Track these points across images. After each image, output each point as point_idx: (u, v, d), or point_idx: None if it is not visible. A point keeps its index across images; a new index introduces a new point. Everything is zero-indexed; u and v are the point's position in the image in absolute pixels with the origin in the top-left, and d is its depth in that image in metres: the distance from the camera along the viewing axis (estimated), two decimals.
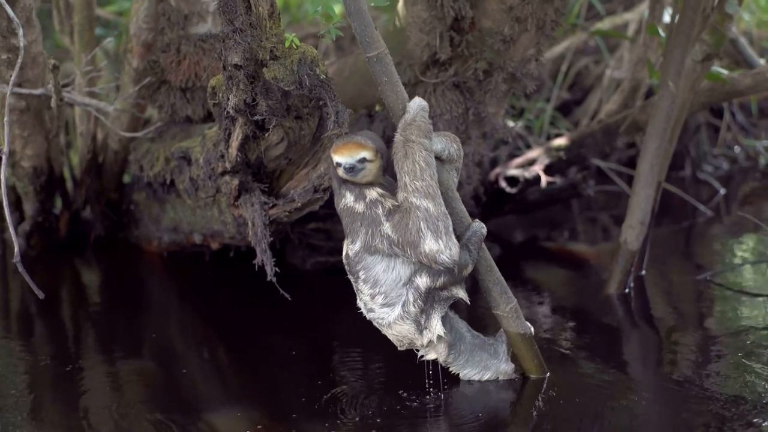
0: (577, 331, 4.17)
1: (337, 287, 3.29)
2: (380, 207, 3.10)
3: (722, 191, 7.04)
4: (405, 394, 3.40)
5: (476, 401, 3.39)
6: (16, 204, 5.40)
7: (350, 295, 3.28)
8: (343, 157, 3.07)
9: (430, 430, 3.20)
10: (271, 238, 3.92)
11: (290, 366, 3.85)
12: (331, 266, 4.86)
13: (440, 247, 3.01)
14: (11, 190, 5.31)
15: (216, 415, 3.36)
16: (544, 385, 3.44)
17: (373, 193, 3.12)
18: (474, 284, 3.45)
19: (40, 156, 5.09)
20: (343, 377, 3.68)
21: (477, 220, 3.31)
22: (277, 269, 3.92)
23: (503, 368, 3.45)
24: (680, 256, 5.61)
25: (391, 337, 3.29)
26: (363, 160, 3.08)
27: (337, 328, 4.30)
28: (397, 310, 3.18)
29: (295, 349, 4.04)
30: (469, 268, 3.23)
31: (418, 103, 3.11)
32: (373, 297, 3.21)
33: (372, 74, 3.18)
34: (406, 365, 3.50)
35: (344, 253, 3.24)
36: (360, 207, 3.13)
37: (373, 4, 3.32)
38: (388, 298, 3.19)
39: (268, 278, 3.91)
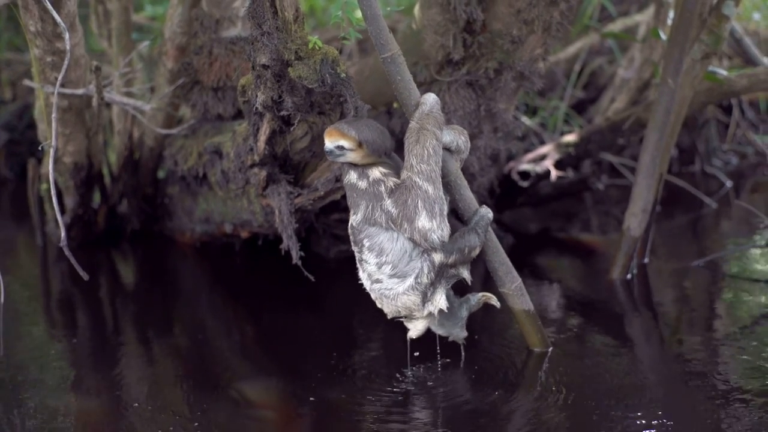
0: (581, 312, 4.40)
1: (357, 274, 3.50)
2: (383, 185, 3.26)
3: (728, 184, 7.17)
4: (415, 368, 3.65)
5: (482, 372, 3.61)
6: (58, 198, 5.55)
7: None
8: (326, 141, 3.26)
9: (438, 400, 3.41)
10: (296, 225, 4.12)
11: (314, 344, 4.07)
12: (353, 255, 5.01)
13: (433, 226, 3.19)
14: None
15: (245, 385, 3.61)
16: (547, 358, 3.69)
17: (375, 173, 3.29)
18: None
19: (81, 152, 5.24)
20: (362, 353, 3.95)
21: (484, 205, 3.49)
22: (302, 253, 4.13)
23: (456, 333, 3.63)
24: (683, 245, 5.75)
25: (389, 308, 3.40)
26: (341, 148, 3.24)
27: (357, 311, 4.48)
28: (409, 281, 3.30)
29: (318, 329, 4.29)
30: (477, 250, 3.40)
31: (433, 97, 3.32)
32: (380, 266, 3.33)
33: (386, 73, 3.37)
34: (417, 343, 3.68)
35: (349, 224, 3.38)
36: (363, 184, 3.29)
37: (389, 9, 3.56)
38: (396, 269, 3.30)
39: (293, 261, 4.13)
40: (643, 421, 3.10)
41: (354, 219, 3.35)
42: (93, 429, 3.28)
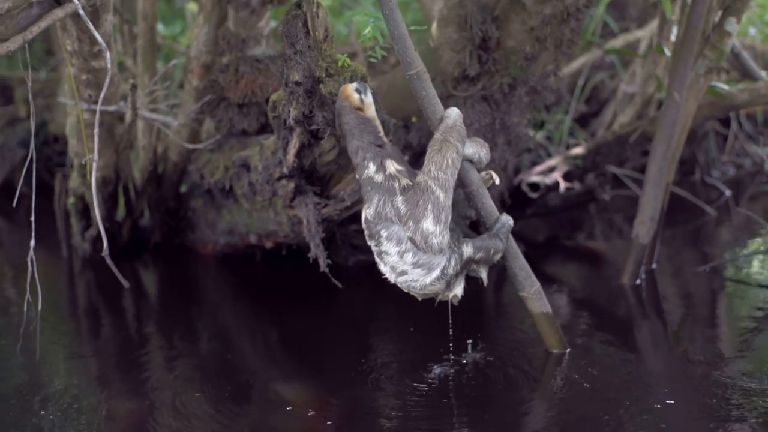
0: (595, 316, 4.57)
1: (376, 281, 3.63)
2: (397, 182, 3.37)
3: (728, 193, 7.33)
4: (434, 367, 3.81)
5: (503, 372, 3.78)
6: (84, 211, 5.69)
7: (388, 287, 3.47)
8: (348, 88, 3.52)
9: (460, 399, 3.55)
10: (324, 234, 4.29)
11: (337, 348, 4.23)
12: (371, 263, 5.02)
13: (436, 230, 3.31)
14: (80, 199, 5.63)
15: (280, 386, 3.76)
16: (565, 359, 3.86)
17: (391, 168, 3.41)
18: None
19: (110, 167, 5.39)
20: (383, 356, 4.10)
21: (504, 213, 3.64)
22: (330, 261, 4.31)
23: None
24: (688, 251, 5.91)
25: (417, 295, 3.48)
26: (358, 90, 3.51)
27: (376, 316, 4.66)
28: (436, 272, 3.37)
29: (339, 334, 4.43)
30: (500, 254, 3.56)
31: (456, 112, 3.48)
32: (402, 255, 3.36)
33: (412, 89, 3.53)
34: (435, 344, 3.91)
35: (363, 218, 3.44)
36: (379, 178, 3.39)
37: (413, 28, 3.72)
38: (417, 256, 3.35)
39: (321, 269, 4.28)
40: (655, 420, 3.26)
41: (368, 212, 3.42)
42: None
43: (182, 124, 5.36)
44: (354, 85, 3.53)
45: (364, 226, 3.46)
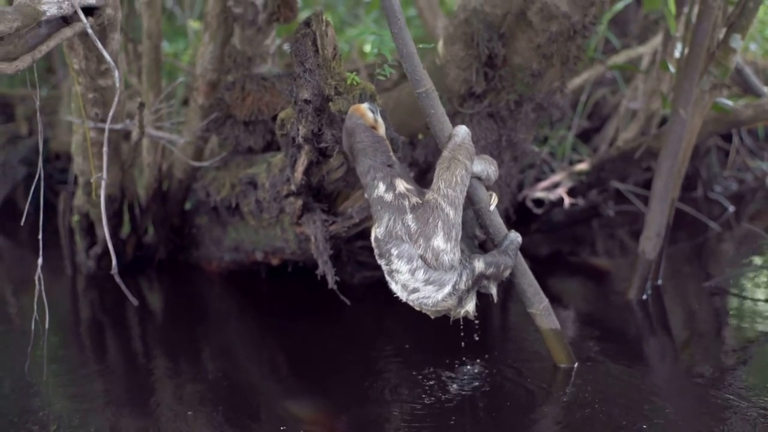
0: (603, 331, 4.55)
1: (381, 298, 3.60)
2: (407, 200, 3.36)
3: (731, 209, 7.34)
4: (441, 383, 3.81)
5: (512, 387, 3.79)
6: (89, 229, 5.69)
7: (394, 304, 3.46)
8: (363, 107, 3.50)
9: (469, 412, 3.57)
10: (332, 251, 4.30)
11: (343, 364, 4.21)
12: (377, 280, 4.92)
13: (447, 248, 3.31)
14: (84, 216, 5.63)
15: (290, 403, 3.76)
16: (573, 373, 3.87)
17: (401, 187, 3.39)
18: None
19: (115, 185, 5.39)
20: (390, 371, 4.07)
21: (513, 230, 3.67)
22: (338, 278, 4.31)
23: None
24: (693, 266, 5.92)
25: (430, 312, 3.48)
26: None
27: (381, 332, 4.66)
28: (447, 288, 3.37)
29: (345, 350, 4.41)
30: (509, 270, 3.59)
31: (465, 130, 3.49)
32: (413, 272, 3.35)
33: (421, 107, 3.54)
34: (441, 360, 3.92)
35: (373, 237, 3.42)
36: (389, 197, 3.37)
37: (421, 46, 3.74)
38: (429, 273, 3.35)
39: (329, 286, 4.29)
40: None
41: (378, 232, 3.40)
42: None
43: (187, 142, 5.37)
44: (366, 104, 3.53)
45: (374, 245, 3.44)
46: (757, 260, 5.94)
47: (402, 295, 3.44)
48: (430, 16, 7.04)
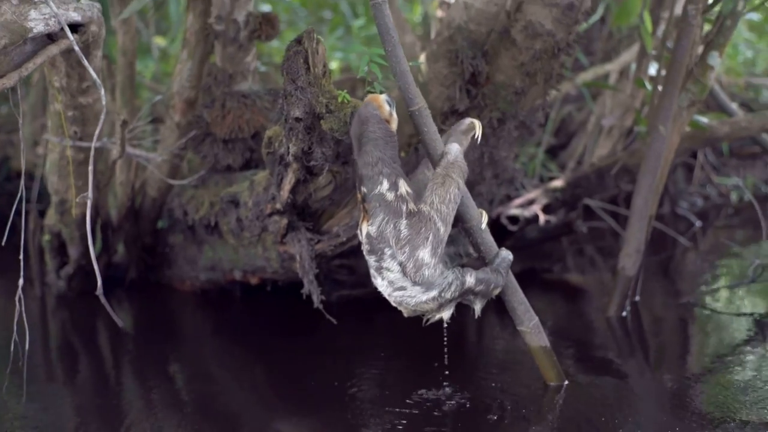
0: (586, 349, 4.59)
1: (358, 316, 3.55)
2: (405, 205, 3.35)
3: (698, 224, 7.44)
4: (427, 401, 3.79)
5: (499, 402, 3.80)
6: (60, 249, 5.58)
7: (372, 321, 3.50)
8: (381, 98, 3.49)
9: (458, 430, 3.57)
10: (317, 270, 4.30)
11: (322, 382, 4.14)
12: (354, 299, 5.03)
13: (431, 262, 3.35)
14: (56, 236, 5.52)
15: (259, 425, 3.75)
16: (563, 391, 3.88)
17: (403, 189, 3.38)
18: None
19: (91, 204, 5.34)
20: (371, 389, 4.06)
21: (504, 248, 3.72)
22: (323, 297, 4.29)
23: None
24: (668, 283, 5.98)
25: (406, 311, 3.49)
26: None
27: (359, 350, 4.59)
28: (433, 293, 3.38)
29: (325, 369, 4.36)
30: (499, 289, 3.63)
31: (457, 148, 3.53)
32: (403, 272, 3.39)
33: (414, 125, 3.58)
34: (424, 378, 3.91)
35: (365, 233, 3.40)
36: (390, 197, 3.35)
37: (411, 64, 3.74)
38: (419, 274, 3.36)
39: (315, 305, 4.27)
40: None
41: (371, 228, 3.37)
42: None
43: (163, 160, 5.31)
44: (384, 96, 3.51)
45: (364, 240, 3.42)
46: (729, 275, 5.99)
47: (385, 290, 3.44)
48: (398, 31, 7.03)
